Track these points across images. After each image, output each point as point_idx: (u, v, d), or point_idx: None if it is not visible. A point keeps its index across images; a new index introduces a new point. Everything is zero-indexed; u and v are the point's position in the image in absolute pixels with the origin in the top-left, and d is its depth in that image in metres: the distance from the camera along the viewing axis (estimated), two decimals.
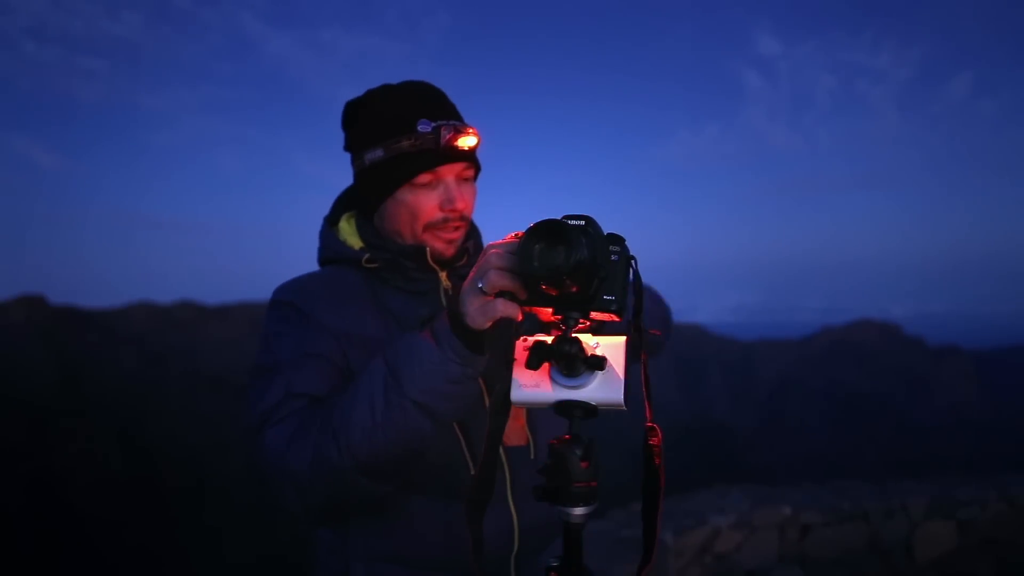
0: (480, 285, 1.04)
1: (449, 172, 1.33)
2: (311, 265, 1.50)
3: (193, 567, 42.78)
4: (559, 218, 1.00)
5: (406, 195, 1.33)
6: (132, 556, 42.38)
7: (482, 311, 1.05)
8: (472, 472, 1.28)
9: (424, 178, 1.32)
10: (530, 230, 0.99)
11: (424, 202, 1.33)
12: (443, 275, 1.39)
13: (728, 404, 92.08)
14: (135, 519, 45.24)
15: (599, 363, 1.01)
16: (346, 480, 1.16)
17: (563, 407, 1.05)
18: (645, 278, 1.05)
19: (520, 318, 1.04)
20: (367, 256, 1.37)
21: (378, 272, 1.38)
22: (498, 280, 1.02)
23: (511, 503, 1.33)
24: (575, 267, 0.95)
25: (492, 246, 1.05)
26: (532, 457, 1.36)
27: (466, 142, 1.31)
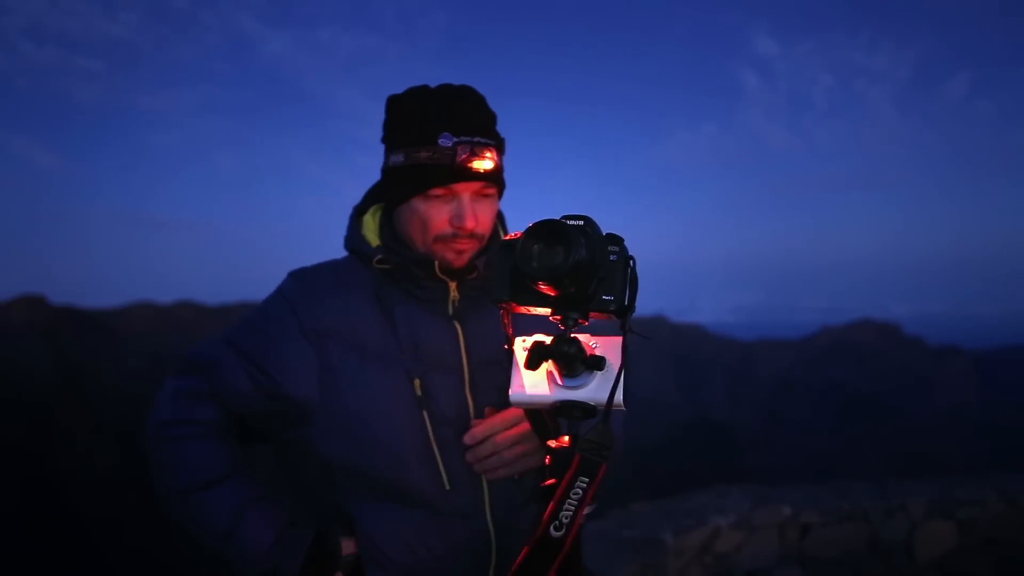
0: None
1: (465, 189, 1.31)
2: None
3: (193, 567, 42.77)
4: (558, 218, 1.00)
5: (419, 204, 1.32)
6: (132, 556, 42.38)
7: None
8: (447, 488, 1.31)
9: (438, 191, 1.31)
10: (529, 230, 0.99)
11: (435, 215, 1.32)
12: (453, 285, 1.37)
13: (728, 404, 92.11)
14: (135, 519, 45.21)
15: (598, 363, 1.01)
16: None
17: (562, 407, 1.05)
18: (644, 278, 1.05)
19: None
20: (379, 257, 1.37)
21: (390, 273, 1.38)
22: None
23: (488, 518, 1.34)
24: (574, 267, 0.95)
25: None
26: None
27: (481, 165, 1.29)
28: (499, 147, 1.34)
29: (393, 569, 1.34)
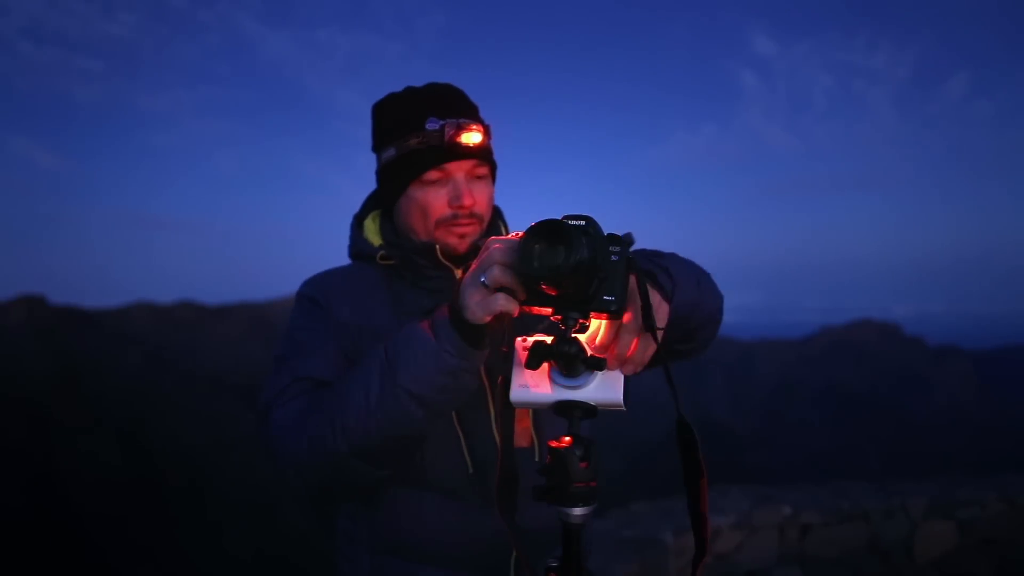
0: (482, 279, 1.02)
1: (458, 169, 1.35)
2: (311, 264, 1.54)
3: (193, 566, 42.78)
4: (559, 218, 1.00)
5: (416, 192, 1.36)
6: (132, 555, 42.39)
7: (482, 305, 1.04)
8: (470, 471, 1.32)
9: (432, 175, 1.34)
10: (530, 230, 0.99)
11: (433, 199, 1.35)
12: (458, 272, 1.40)
13: (728, 404, 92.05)
14: (135, 519, 45.25)
15: (599, 363, 1.01)
16: (340, 462, 1.19)
17: (563, 407, 1.04)
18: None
19: (516, 314, 1.03)
20: (382, 253, 1.41)
21: (395, 268, 1.41)
22: (500, 276, 1.00)
23: None
24: (575, 267, 0.95)
25: (495, 240, 1.04)
26: (536, 459, 1.37)
27: (470, 138, 1.33)
28: (485, 128, 1.38)
29: (416, 555, 1.34)
